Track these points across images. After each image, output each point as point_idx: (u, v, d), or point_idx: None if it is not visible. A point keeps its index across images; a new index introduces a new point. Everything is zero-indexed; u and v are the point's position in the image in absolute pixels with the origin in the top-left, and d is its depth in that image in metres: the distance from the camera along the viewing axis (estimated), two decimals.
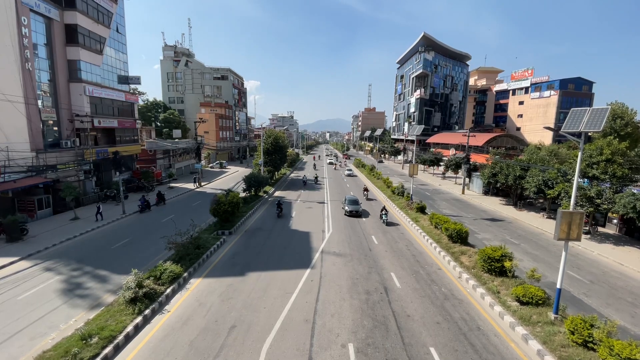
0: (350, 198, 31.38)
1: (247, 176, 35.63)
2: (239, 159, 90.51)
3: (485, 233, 26.27)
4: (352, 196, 32.39)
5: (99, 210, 26.88)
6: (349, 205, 30.19)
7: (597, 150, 25.87)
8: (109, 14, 37.11)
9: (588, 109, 12.45)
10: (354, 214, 29.66)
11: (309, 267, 18.32)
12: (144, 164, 46.02)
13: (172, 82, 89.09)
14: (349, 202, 30.66)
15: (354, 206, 30.09)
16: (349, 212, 29.78)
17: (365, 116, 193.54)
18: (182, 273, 16.42)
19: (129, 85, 42.50)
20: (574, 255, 21.81)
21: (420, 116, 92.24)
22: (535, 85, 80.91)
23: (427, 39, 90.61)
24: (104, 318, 12.30)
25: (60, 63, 31.30)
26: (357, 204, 30.51)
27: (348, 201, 30.76)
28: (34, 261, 18.63)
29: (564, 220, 11.84)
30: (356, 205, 30.22)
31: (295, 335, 12.10)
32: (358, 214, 29.69)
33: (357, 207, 30.07)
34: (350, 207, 29.93)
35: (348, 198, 31.34)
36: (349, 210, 29.81)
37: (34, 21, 28.35)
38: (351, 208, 29.90)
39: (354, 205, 30.15)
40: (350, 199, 31.04)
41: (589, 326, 10.90)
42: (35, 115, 27.74)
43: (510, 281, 15.48)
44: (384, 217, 27.62)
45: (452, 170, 53.07)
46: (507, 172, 34.15)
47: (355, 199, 31.17)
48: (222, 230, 23.88)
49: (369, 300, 14.69)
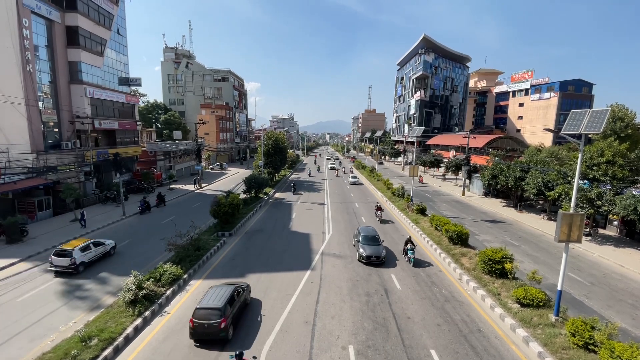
0: (367, 232, 20.89)
1: (248, 178, 35.63)
2: (239, 160, 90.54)
3: (485, 235, 26.23)
4: (369, 228, 21.73)
5: (82, 217, 25.17)
6: (366, 246, 19.42)
7: (597, 152, 25.85)
8: (109, 15, 37.22)
9: (588, 110, 12.47)
10: (373, 260, 18.79)
11: (309, 269, 18.29)
12: (144, 165, 46.05)
13: (173, 83, 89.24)
14: (366, 239, 20.04)
15: (373, 247, 19.32)
16: (367, 258, 18.81)
17: (366, 118, 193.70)
18: (182, 275, 16.40)
19: (130, 86, 42.60)
20: (575, 257, 21.77)
21: (420, 118, 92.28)
22: (535, 87, 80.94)
23: (427, 41, 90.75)
24: (104, 320, 12.28)
25: (61, 65, 31.37)
26: (377, 243, 19.85)
27: (364, 238, 20.08)
28: (33, 263, 18.62)
29: (565, 222, 11.82)
30: (376, 246, 19.51)
31: (295, 337, 12.07)
32: (380, 260, 18.84)
33: (377, 248, 19.32)
34: (369, 250, 19.03)
35: (363, 232, 20.79)
36: (367, 254, 18.85)
37: (35, 23, 28.43)
38: (370, 251, 18.96)
39: (373, 246, 19.44)
40: (366, 234, 20.50)
41: (589, 328, 10.87)
42: (35, 116, 27.78)
43: (511, 283, 15.45)
44: (409, 253, 19.31)
45: (453, 172, 53.06)
46: (507, 174, 34.14)
47: (374, 234, 20.58)
48: (222, 232, 23.86)
49: (369, 302, 14.66)
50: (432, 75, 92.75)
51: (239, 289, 13.37)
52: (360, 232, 21.11)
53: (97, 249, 18.87)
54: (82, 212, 25.62)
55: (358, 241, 20.33)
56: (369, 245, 19.58)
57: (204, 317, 11.44)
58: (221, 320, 11.36)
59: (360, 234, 20.71)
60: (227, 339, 11.66)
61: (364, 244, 19.65)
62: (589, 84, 78.49)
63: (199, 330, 11.38)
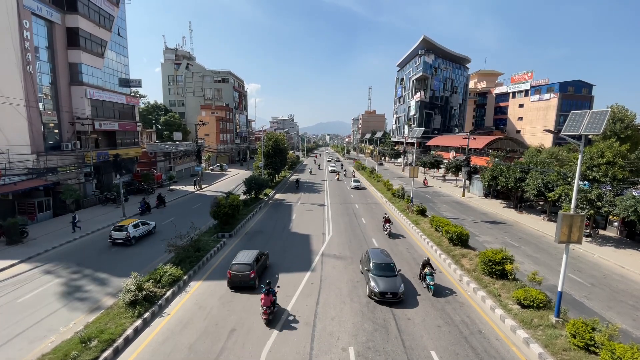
0: (379, 258, 16.42)
1: (248, 179, 35.64)
2: (239, 161, 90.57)
3: (485, 236, 26.21)
4: (382, 254, 17.02)
5: (74, 221, 24.16)
6: (379, 278, 15.02)
7: (597, 153, 25.86)
8: (110, 17, 37.29)
9: (588, 111, 12.47)
10: (388, 298, 14.42)
11: (309, 270, 18.28)
12: (144, 166, 46.05)
13: (173, 85, 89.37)
14: (378, 268, 15.66)
15: (388, 281, 14.86)
16: (380, 295, 14.42)
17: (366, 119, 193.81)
18: (182, 276, 16.39)
19: (130, 88, 42.63)
20: (575, 258, 21.75)
21: (420, 119, 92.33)
22: (535, 88, 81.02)
23: (427, 42, 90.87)
24: (104, 321, 12.26)
25: (61, 66, 31.40)
26: (393, 273, 15.44)
27: (376, 267, 15.72)
28: (33, 264, 18.60)
29: (565, 222, 11.82)
30: (392, 278, 15.08)
31: (295, 338, 12.05)
32: (397, 297, 14.48)
33: (394, 282, 14.88)
34: (383, 284, 14.65)
35: (374, 258, 16.34)
36: (381, 290, 14.44)
37: (36, 24, 28.48)
38: (384, 286, 14.59)
39: (388, 279, 14.98)
40: (378, 261, 16.11)
41: (590, 329, 10.85)
42: (36, 117, 27.79)
43: (511, 284, 15.43)
44: (428, 279, 15.71)
45: (453, 173, 53.06)
46: (507, 175, 34.14)
47: (389, 262, 16.12)
48: (222, 233, 23.85)
49: (369, 304, 14.63)
50: (432, 77, 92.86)
51: (262, 254, 17.56)
52: (370, 257, 16.58)
53: (144, 227, 23.55)
54: (74, 216, 24.47)
55: (368, 270, 15.81)
56: (382, 277, 15.11)
57: (238, 269, 15.48)
58: (251, 272, 15.46)
59: (370, 261, 16.19)
60: (254, 287, 15.65)
61: (376, 275, 15.24)
62: (589, 84, 78.58)
63: (235, 279, 15.42)
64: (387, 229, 25.56)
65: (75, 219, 24.49)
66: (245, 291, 15.51)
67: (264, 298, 12.82)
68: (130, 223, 22.39)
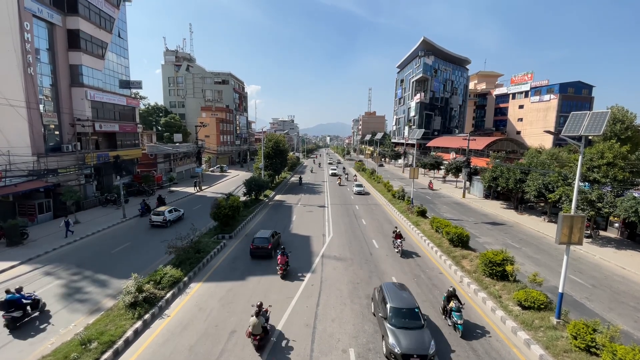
0: (399, 299, 12.48)
1: (248, 180, 35.64)
2: (239, 162, 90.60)
3: (486, 237, 26.19)
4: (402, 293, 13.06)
5: (67, 226, 23.26)
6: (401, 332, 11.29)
7: (597, 154, 25.86)
8: (110, 19, 37.38)
9: (588, 112, 12.48)
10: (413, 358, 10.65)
11: (309, 272, 18.25)
12: (144, 168, 46.08)
13: (173, 86, 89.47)
14: (399, 315, 11.89)
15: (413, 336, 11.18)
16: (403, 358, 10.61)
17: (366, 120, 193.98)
18: (182, 277, 16.37)
19: (130, 89, 42.66)
20: (576, 259, 21.71)
21: (420, 120, 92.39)
22: (535, 89, 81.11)
23: (426, 44, 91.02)
24: (104, 323, 12.25)
25: (62, 68, 31.46)
26: (419, 323, 11.75)
27: (396, 314, 11.93)
28: (33, 265, 18.59)
29: (565, 224, 11.81)
30: (418, 331, 11.42)
31: (295, 340, 12.03)
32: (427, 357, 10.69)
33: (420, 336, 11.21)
34: (407, 341, 10.94)
35: (393, 300, 12.39)
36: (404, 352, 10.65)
37: (37, 26, 28.55)
38: (408, 343, 10.87)
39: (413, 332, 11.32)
40: (399, 305, 12.17)
41: (591, 331, 10.83)
42: (36, 119, 27.83)
43: (512, 285, 15.40)
44: (455, 316, 12.68)
45: (453, 174, 53.05)
46: (507, 176, 34.13)
47: (412, 306, 12.27)
48: (222, 234, 23.83)
49: (370, 305, 14.60)
50: (432, 78, 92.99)
51: (276, 233, 22.27)
52: (385, 296, 12.68)
53: (176, 213, 28.64)
54: (67, 221, 23.38)
55: (384, 317, 12.00)
56: (404, 329, 11.38)
57: (258, 242, 19.92)
58: (268, 244, 19.90)
59: (386, 303, 12.30)
60: (271, 256, 19.96)
61: (396, 327, 11.48)
62: (589, 86, 78.65)
63: (256, 251, 19.81)
64: (399, 247, 20.92)
65: (69, 224, 23.57)
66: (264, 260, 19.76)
67: (280, 258, 17.12)
68: (166, 209, 27.50)
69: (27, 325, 12.62)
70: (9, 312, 12.21)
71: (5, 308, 12.27)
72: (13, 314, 12.25)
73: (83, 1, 32.72)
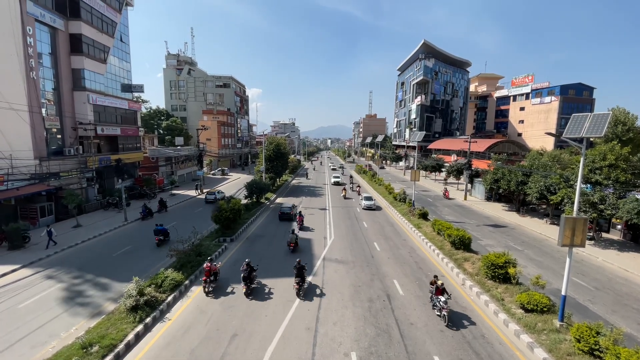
0: None
1: (249, 183, 35.65)
2: (240, 165, 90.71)
3: (488, 239, 26.09)
4: None
5: (50, 236, 21.53)
6: None
7: (599, 156, 25.79)
8: (113, 23, 37.64)
9: (589, 114, 12.46)
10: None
11: (310, 275, 18.20)
12: (146, 171, 46.20)
13: (175, 90, 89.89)
14: None
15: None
16: None
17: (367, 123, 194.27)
18: (184, 281, 16.35)
19: (132, 93, 42.88)
20: (579, 261, 21.60)
21: (421, 122, 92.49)
22: (536, 91, 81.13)
23: (427, 46, 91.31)
24: (105, 326, 12.23)
25: (64, 72, 31.66)
26: None
27: None
28: (35, 269, 18.60)
29: (568, 226, 11.76)
30: None
31: (297, 343, 11.98)
32: None
33: None
34: None
35: None
36: None
37: (39, 31, 28.76)
38: None
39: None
40: None
41: (595, 334, 10.75)
42: (39, 123, 27.97)
43: (515, 288, 15.32)
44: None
45: (454, 177, 52.97)
46: (509, 178, 34.05)
47: None
48: (223, 237, 23.82)
49: (371, 308, 14.55)
50: (432, 80, 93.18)
51: (294, 205, 33.56)
52: None
53: (221, 194, 39.45)
54: (49, 231, 21.63)
55: None
56: None
57: (284, 210, 30.45)
58: (291, 211, 30.50)
59: None
60: (292, 219, 29.82)
61: None
62: (590, 87, 78.62)
63: (282, 216, 30.19)
64: (444, 307, 13.28)
65: (52, 233, 21.60)
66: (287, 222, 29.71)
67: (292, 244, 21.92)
68: (216, 190, 41.15)
69: None
70: None
71: None
72: None
73: (85, 6, 32.98)
